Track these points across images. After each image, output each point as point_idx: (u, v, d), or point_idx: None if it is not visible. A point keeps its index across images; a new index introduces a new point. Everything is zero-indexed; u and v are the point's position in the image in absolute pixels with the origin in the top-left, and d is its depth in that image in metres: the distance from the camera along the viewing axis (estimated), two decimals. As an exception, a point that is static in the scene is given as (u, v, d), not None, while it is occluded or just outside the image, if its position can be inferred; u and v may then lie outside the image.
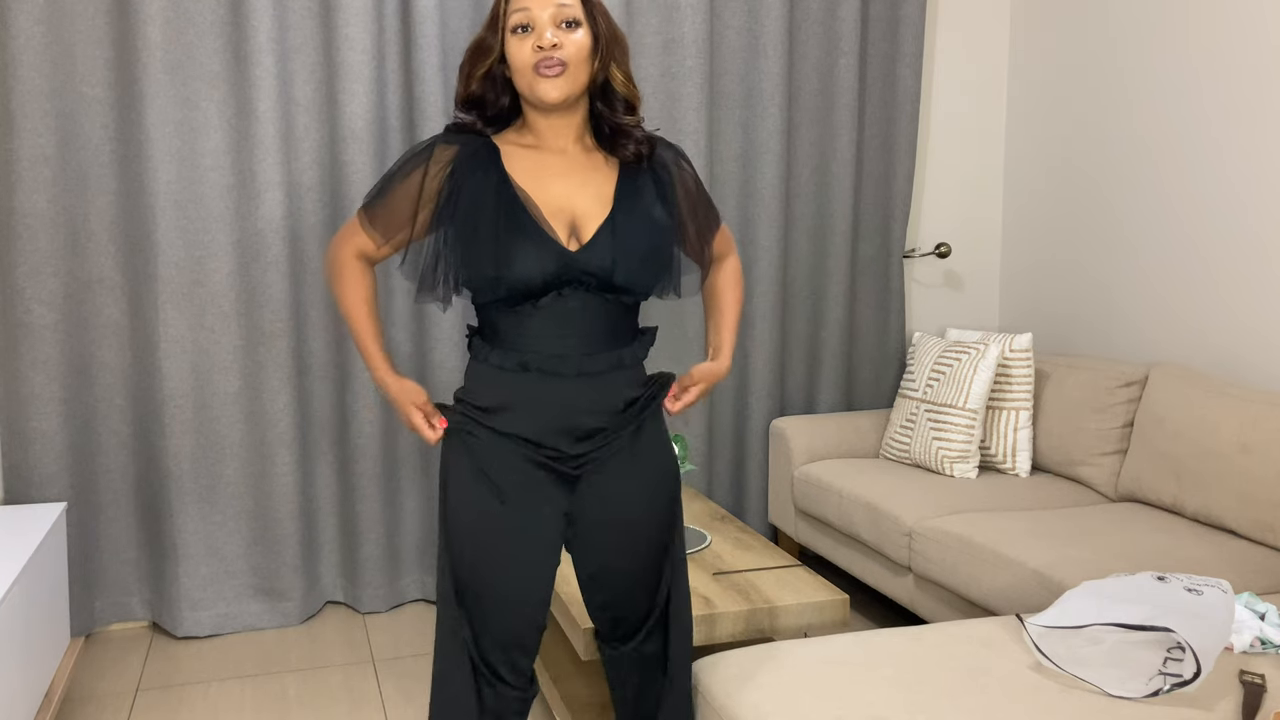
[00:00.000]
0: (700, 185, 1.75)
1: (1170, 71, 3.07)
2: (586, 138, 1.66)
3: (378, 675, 2.76)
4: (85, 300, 2.88)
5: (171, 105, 2.85)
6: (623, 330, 1.63)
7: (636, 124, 1.65)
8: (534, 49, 1.54)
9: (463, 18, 3.08)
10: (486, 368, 1.61)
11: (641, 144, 1.64)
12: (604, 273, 1.56)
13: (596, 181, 1.62)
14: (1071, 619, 1.76)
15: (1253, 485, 2.47)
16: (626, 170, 1.65)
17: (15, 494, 2.84)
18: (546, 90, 1.54)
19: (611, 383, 1.62)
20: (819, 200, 3.52)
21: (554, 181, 1.60)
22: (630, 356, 1.64)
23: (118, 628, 3.07)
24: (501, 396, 1.59)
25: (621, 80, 1.62)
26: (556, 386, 1.58)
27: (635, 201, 1.62)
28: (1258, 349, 2.83)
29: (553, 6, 1.54)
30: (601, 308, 1.59)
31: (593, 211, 1.60)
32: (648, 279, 1.61)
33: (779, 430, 3.42)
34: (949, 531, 2.62)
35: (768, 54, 3.34)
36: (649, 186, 1.66)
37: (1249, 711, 1.61)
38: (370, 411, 3.08)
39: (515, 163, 1.61)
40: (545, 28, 1.54)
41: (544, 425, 1.59)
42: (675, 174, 1.70)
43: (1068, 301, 3.51)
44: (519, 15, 1.55)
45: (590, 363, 1.59)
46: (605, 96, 1.63)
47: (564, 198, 1.60)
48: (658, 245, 1.62)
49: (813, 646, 1.85)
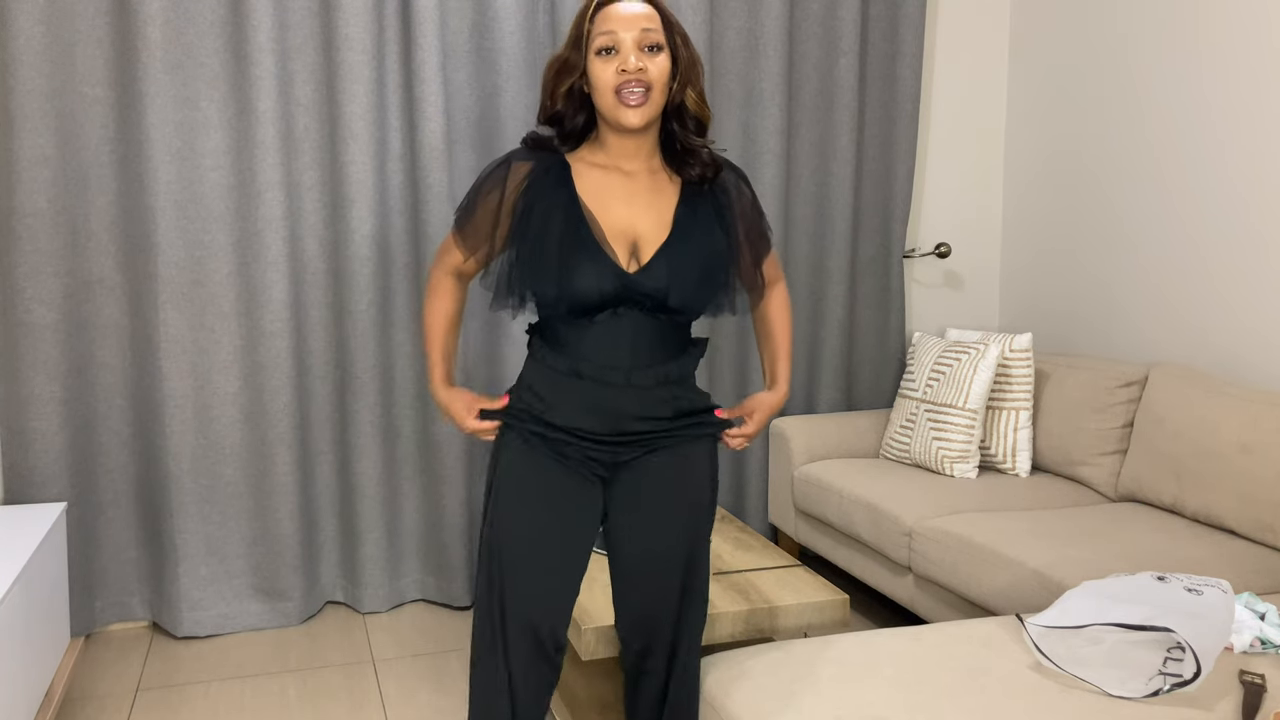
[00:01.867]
0: (758, 209, 1.81)
1: (1170, 72, 3.07)
2: (655, 158, 1.72)
3: (378, 675, 2.76)
4: (85, 300, 2.88)
5: (171, 105, 2.85)
6: (673, 344, 1.71)
7: (705, 145, 1.71)
8: (618, 71, 1.59)
9: (463, 18, 3.08)
10: (542, 367, 1.71)
11: (708, 166, 1.71)
12: (659, 295, 1.64)
13: (659, 205, 1.69)
14: (1071, 619, 1.76)
15: (1253, 485, 2.47)
16: (688, 191, 1.72)
17: (15, 494, 2.84)
18: (629, 117, 1.61)
19: (659, 394, 1.70)
20: (819, 200, 3.52)
21: (619, 204, 1.67)
22: (679, 370, 1.71)
23: (118, 628, 3.07)
24: (554, 393, 1.69)
25: (695, 100, 1.69)
26: (606, 393, 1.67)
27: (693, 225, 1.69)
28: (1258, 349, 2.83)
29: (638, 31, 1.60)
30: (654, 325, 1.67)
31: (653, 234, 1.67)
32: (701, 301, 1.68)
33: (779, 430, 3.42)
34: (949, 531, 2.62)
35: (768, 54, 3.34)
36: (708, 209, 1.72)
37: (1249, 711, 1.61)
38: (370, 412, 3.08)
39: (584, 182, 1.68)
40: (630, 51, 1.59)
41: (591, 422, 1.68)
42: (735, 197, 1.76)
43: (1068, 301, 3.51)
44: (605, 38, 1.60)
45: (640, 376, 1.67)
46: (679, 115, 1.69)
47: (627, 220, 1.67)
48: (712, 269, 1.69)
49: (813, 646, 1.85)
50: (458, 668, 2.80)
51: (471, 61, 3.11)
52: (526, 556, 1.69)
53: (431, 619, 3.13)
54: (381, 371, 3.09)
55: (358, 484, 3.12)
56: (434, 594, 3.22)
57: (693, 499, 1.76)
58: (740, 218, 1.76)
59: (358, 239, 3.01)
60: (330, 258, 3.04)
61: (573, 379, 1.67)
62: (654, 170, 1.72)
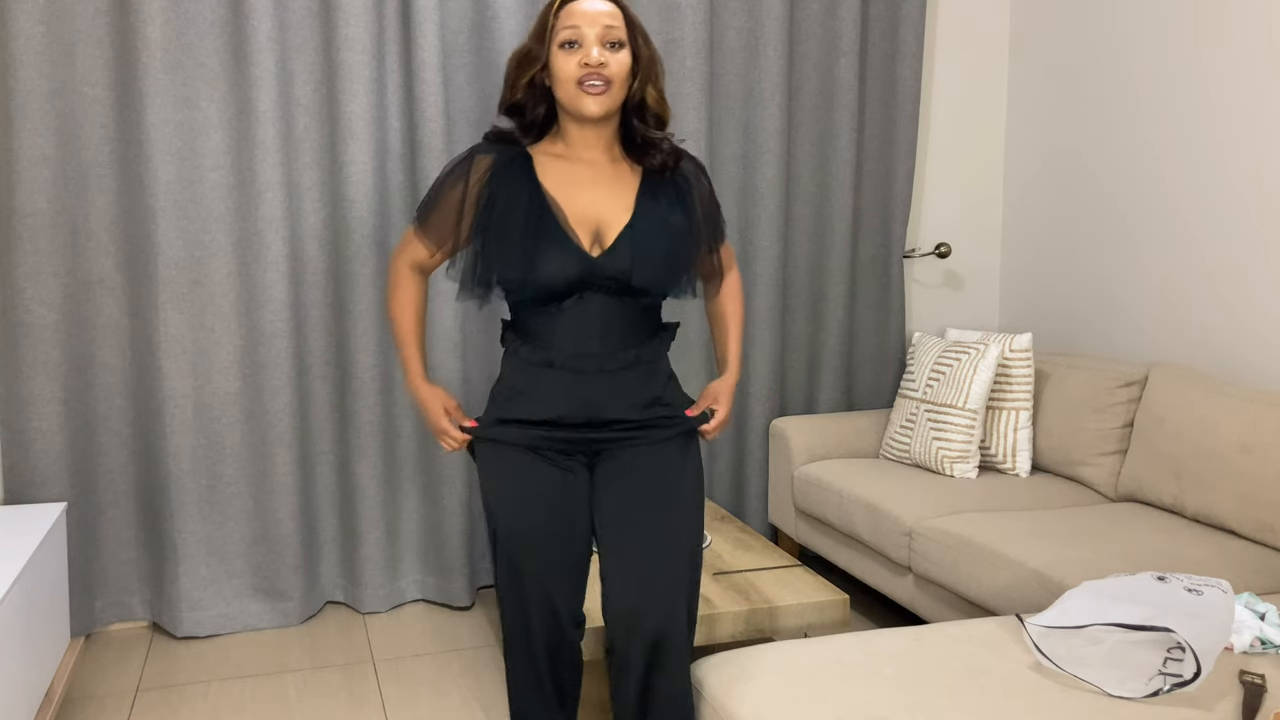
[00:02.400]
0: (715, 200, 1.87)
1: (1170, 72, 3.07)
2: (615, 148, 1.77)
3: (378, 675, 2.76)
4: (85, 300, 2.88)
5: (171, 105, 2.85)
6: (642, 329, 1.76)
7: (664, 137, 1.77)
8: (580, 64, 1.66)
9: (463, 18, 3.08)
10: (516, 360, 1.76)
11: (669, 155, 1.76)
12: (623, 276, 1.69)
13: (620, 190, 1.74)
14: (1071, 619, 1.76)
15: (1253, 485, 2.47)
16: (649, 178, 1.77)
17: (15, 494, 2.84)
18: (589, 105, 1.67)
19: (632, 378, 1.75)
20: (819, 200, 3.52)
21: (581, 190, 1.72)
22: (649, 353, 1.76)
23: (118, 628, 3.07)
24: (529, 384, 1.74)
25: (655, 98, 1.75)
26: (579, 381, 1.72)
27: (655, 208, 1.74)
28: (1258, 349, 2.83)
29: (601, 27, 1.66)
30: (620, 309, 1.72)
31: (616, 219, 1.72)
32: (664, 281, 1.73)
33: (779, 430, 3.42)
34: (949, 531, 2.62)
35: (768, 54, 3.34)
36: (670, 194, 1.77)
37: (1249, 711, 1.61)
38: (370, 412, 3.08)
39: (547, 172, 1.74)
40: (592, 45, 1.66)
41: (567, 409, 1.73)
42: (694, 184, 1.81)
43: (1068, 301, 3.51)
44: (568, 31, 1.67)
45: (610, 361, 1.72)
46: (639, 111, 1.75)
47: (590, 206, 1.72)
48: (674, 249, 1.74)
49: (813, 646, 1.85)
50: (458, 668, 2.80)
51: (471, 61, 3.11)
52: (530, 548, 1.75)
53: (431, 619, 3.13)
54: (381, 371, 3.09)
55: (358, 484, 3.12)
56: (434, 594, 3.22)
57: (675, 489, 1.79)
58: (699, 204, 1.81)
59: (358, 239, 3.01)
60: (330, 258, 3.04)
61: (546, 369, 1.72)
62: (615, 159, 1.77)
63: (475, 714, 2.53)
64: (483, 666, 2.80)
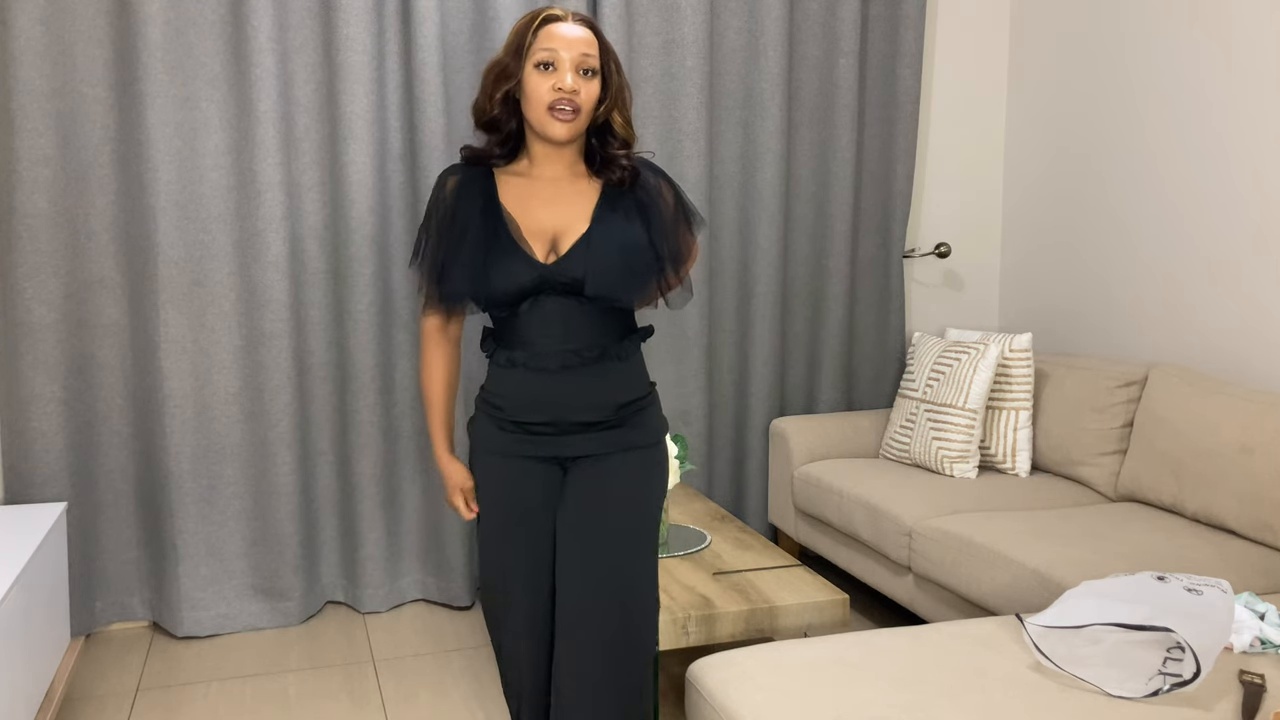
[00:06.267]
0: (681, 208, 1.83)
1: (1170, 72, 3.07)
2: (579, 164, 1.81)
3: (378, 675, 2.76)
4: (85, 300, 2.88)
5: (171, 105, 2.85)
6: (608, 330, 1.76)
7: (625, 154, 1.79)
8: (553, 88, 1.68)
9: (463, 18, 3.08)
10: (492, 364, 1.81)
11: (626, 170, 1.78)
12: (576, 284, 1.71)
13: (579, 204, 1.77)
14: (1071, 619, 1.76)
15: (1253, 485, 2.47)
16: (609, 190, 1.78)
17: (15, 494, 2.84)
18: (556, 130, 1.70)
19: (596, 376, 1.75)
20: (819, 200, 3.52)
21: (539, 205, 1.76)
22: (615, 352, 1.77)
23: (118, 628, 3.07)
24: (502, 387, 1.78)
25: (621, 124, 1.79)
26: (545, 380, 1.74)
27: (612, 218, 1.76)
28: (1258, 349, 2.83)
29: (578, 53, 1.70)
30: (580, 309, 1.74)
31: (573, 229, 1.74)
32: (619, 290, 1.73)
33: (779, 430, 3.42)
34: (949, 531, 2.62)
35: (768, 54, 3.34)
36: (629, 203, 1.78)
37: (1249, 711, 1.61)
38: (370, 412, 3.09)
39: (506, 188, 1.78)
40: (566, 71, 1.68)
41: (535, 413, 1.76)
42: (657, 197, 1.81)
43: (1067, 301, 3.51)
44: (545, 54, 1.69)
45: (572, 358, 1.73)
46: (601, 134, 1.78)
47: (547, 219, 1.75)
48: (631, 260, 1.74)
49: (813, 646, 1.85)
50: (458, 668, 2.80)
51: (471, 62, 3.11)
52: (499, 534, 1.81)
53: (431, 619, 3.13)
54: (381, 371, 3.10)
55: (358, 484, 3.12)
56: (434, 594, 3.23)
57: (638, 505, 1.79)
58: (661, 216, 1.79)
59: (358, 239, 3.01)
60: (330, 258, 3.04)
61: (511, 369, 1.76)
62: (576, 175, 1.80)
63: (475, 714, 2.53)
64: (482, 666, 2.80)
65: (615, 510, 1.76)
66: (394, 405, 3.11)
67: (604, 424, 1.77)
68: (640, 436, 1.80)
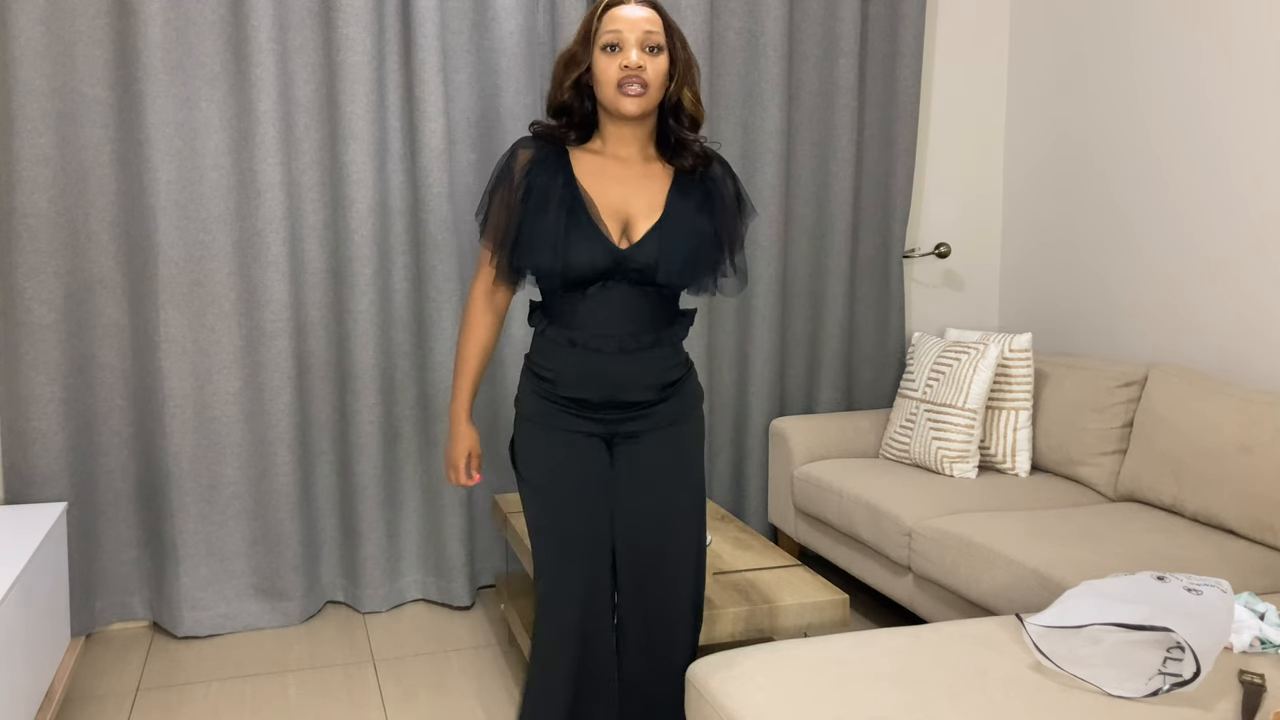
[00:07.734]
0: (740, 202, 1.93)
1: (1170, 73, 3.07)
2: (650, 147, 1.87)
3: (378, 675, 2.76)
4: (85, 300, 2.88)
5: (171, 105, 2.85)
6: (661, 315, 1.84)
7: (697, 139, 1.86)
8: (620, 67, 1.75)
9: (463, 18, 3.08)
10: (543, 340, 1.87)
11: (699, 158, 1.86)
12: (648, 270, 1.78)
13: (651, 188, 1.83)
14: (1071, 619, 1.76)
15: (1253, 485, 2.47)
16: (680, 178, 1.86)
17: (15, 494, 2.84)
18: (627, 106, 1.76)
19: (650, 359, 1.83)
20: (819, 200, 3.52)
21: (613, 185, 1.82)
22: (668, 338, 1.86)
23: (118, 627, 3.07)
24: (554, 362, 1.84)
25: (691, 100, 1.84)
26: (600, 361, 1.81)
27: (683, 208, 1.83)
28: (1258, 349, 2.83)
29: (641, 32, 1.76)
30: (642, 297, 1.81)
31: (645, 215, 1.81)
32: (686, 278, 1.83)
33: (779, 430, 3.42)
34: (949, 531, 2.62)
35: (768, 54, 3.34)
36: (698, 196, 1.86)
37: (1248, 711, 1.61)
38: (370, 411, 3.08)
39: (582, 166, 1.84)
40: (632, 49, 1.75)
41: (588, 390, 1.82)
42: (721, 189, 1.89)
43: (1067, 301, 3.51)
44: (610, 35, 1.77)
45: (630, 342, 1.81)
46: (675, 112, 1.85)
47: (621, 200, 1.81)
48: (698, 249, 1.83)
49: (813, 646, 1.85)
50: (458, 668, 2.80)
51: (471, 62, 3.11)
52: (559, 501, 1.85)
53: (431, 619, 3.13)
54: (381, 371, 3.09)
55: (358, 484, 3.12)
56: (434, 594, 3.22)
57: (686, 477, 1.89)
58: (724, 208, 1.89)
59: (358, 239, 3.01)
60: (330, 258, 3.04)
61: (569, 348, 1.81)
62: (648, 158, 1.86)
63: (475, 714, 2.53)
64: (483, 666, 2.80)
65: (666, 481, 1.87)
66: (394, 405, 3.11)
67: (652, 402, 1.85)
68: (683, 409, 1.90)
